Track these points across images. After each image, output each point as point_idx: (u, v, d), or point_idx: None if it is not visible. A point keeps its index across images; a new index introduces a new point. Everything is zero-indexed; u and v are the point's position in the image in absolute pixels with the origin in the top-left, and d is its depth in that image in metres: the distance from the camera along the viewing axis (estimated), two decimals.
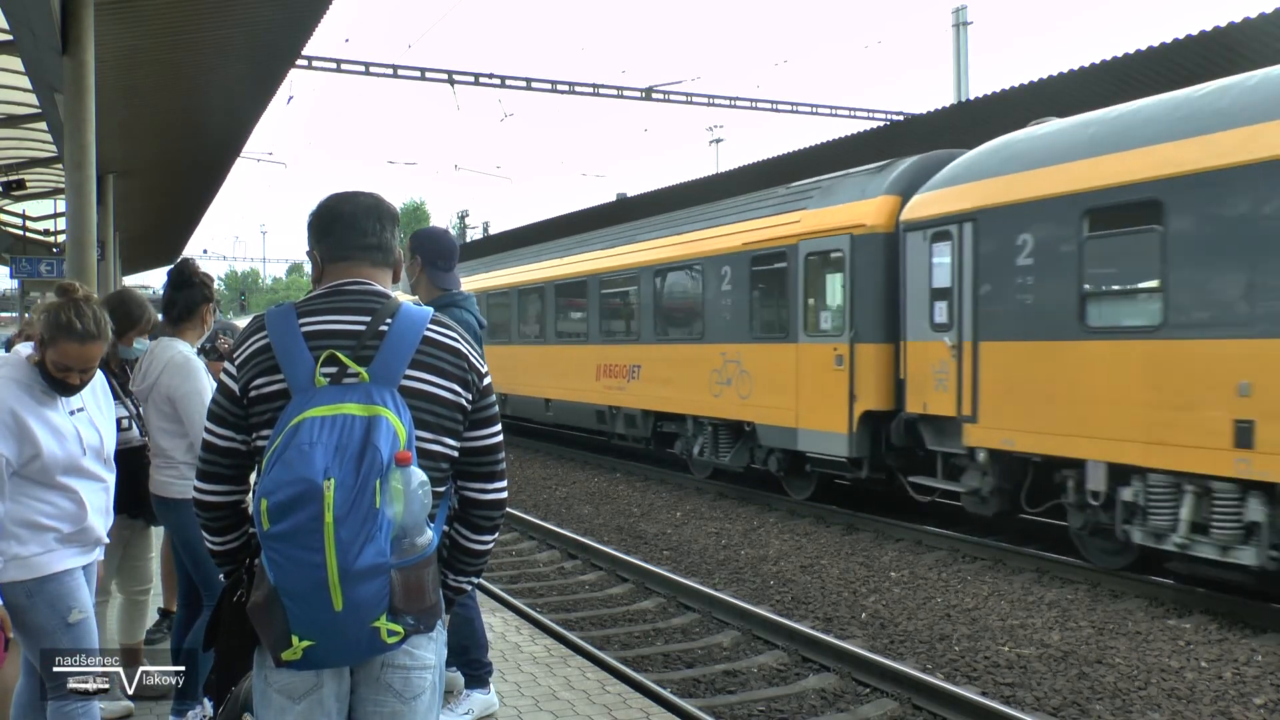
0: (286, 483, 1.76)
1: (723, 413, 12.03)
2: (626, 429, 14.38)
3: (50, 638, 2.88)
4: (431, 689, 2.04)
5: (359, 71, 20.04)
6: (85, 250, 7.86)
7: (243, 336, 2.04)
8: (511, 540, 10.49)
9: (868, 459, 10.02)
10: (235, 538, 2.08)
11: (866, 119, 24.80)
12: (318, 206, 2.16)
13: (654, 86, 22.92)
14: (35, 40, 8.02)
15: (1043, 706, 5.58)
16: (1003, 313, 8.44)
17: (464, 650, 4.23)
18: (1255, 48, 10.69)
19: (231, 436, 2.00)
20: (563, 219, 24.70)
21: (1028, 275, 8.19)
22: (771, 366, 11.18)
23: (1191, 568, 7.18)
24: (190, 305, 3.98)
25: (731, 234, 12.14)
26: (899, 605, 7.60)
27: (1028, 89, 12.89)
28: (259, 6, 9.01)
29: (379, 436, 1.81)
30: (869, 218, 10.05)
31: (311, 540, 1.75)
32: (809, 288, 10.77)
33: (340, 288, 2.06)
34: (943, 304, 9.04)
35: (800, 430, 10.70)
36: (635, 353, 14.12)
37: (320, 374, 1.90)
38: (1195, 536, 6.95)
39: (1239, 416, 6.58)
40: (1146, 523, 7.28)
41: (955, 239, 8.88)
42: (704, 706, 5.43)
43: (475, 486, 2.09)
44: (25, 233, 21.51)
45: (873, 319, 9.92)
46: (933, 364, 9.09)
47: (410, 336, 1.98)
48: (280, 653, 1.85)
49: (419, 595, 1.88)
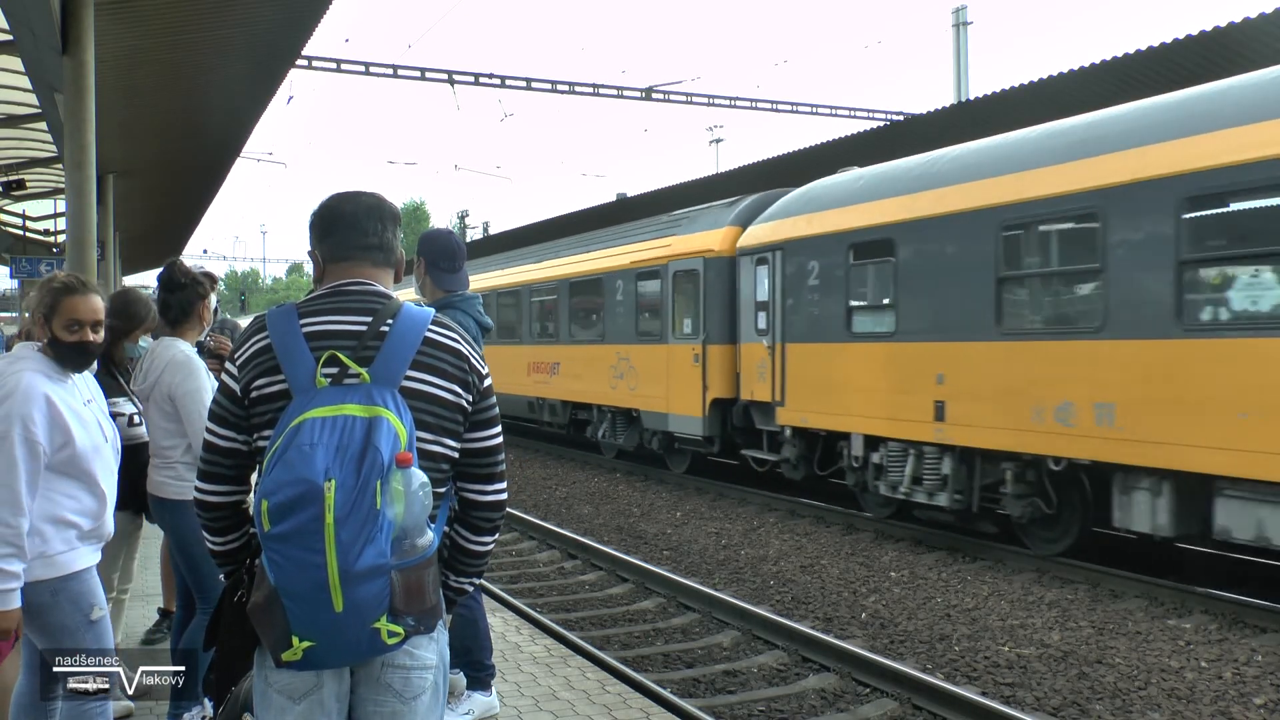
0: (287, 483, 1.76)
1: (618, 402, 14.59)
2: (550, 417, 17.06)
3: (73, 636, 2.88)
4: (433, 689, 2.03)
5: (359, 71, 20.06)
6: (85, 250, 7.85)
7: (244, 337, 2.04)
8: (511, 540, 10.50)
9: (718, 437, 12.52)
10: (236, 538, 2.08)
11: (866, 119, 24.81)
12: (319, 206, 2.15)
13: (654, 86, 22.94)
14: (35, 40, 8.02)
15: (1043, 706, 5.58)
16: (799, 321, 10.99)
17: (467, 651, 4.23)
18: (1255, 48, 10.69)
19: (233, 437, 2.00)
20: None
21: (815, 293, 10.75)
22: (650, 363, 13.69)
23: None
24: (185, 305, 3.98)
25: (623, 254, 14.76)
26: (899, 605, 7.60)
27: (1028, 89, 12.90)
28: (259, 6, 9.01)
29: (380, 437, 1.81)
30: (717, 244, 12.60)
31: (312, 541, 1.75)
32: (676, 300, 13.30)
33: (341, 288, 2.05)
34: (763, 314, 11.57)
35: (670, 415, 13.19)
36: (556, 352, 16.74)
37: (321, 374, 1.89)
38: (915, 487, 9.36)
39: (937, 398, 9.01)
40: (887, 478, 9.75)
41: (771, 264, 11.41)
42: (704, 706, 5.43)
43: (475, 488, 2.09)
44: (25, 233, 21.51)
45: (719, 325, 12.45)
46: (757, 361, 11.68)
47: (411, 337, 1.97)
48: (281, 653, 1.84)
49: (419, 596, 1.87)
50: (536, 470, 15.62)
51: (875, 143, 15.93)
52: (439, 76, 20.96)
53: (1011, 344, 8.34)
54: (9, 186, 15.31)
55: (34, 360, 2.96)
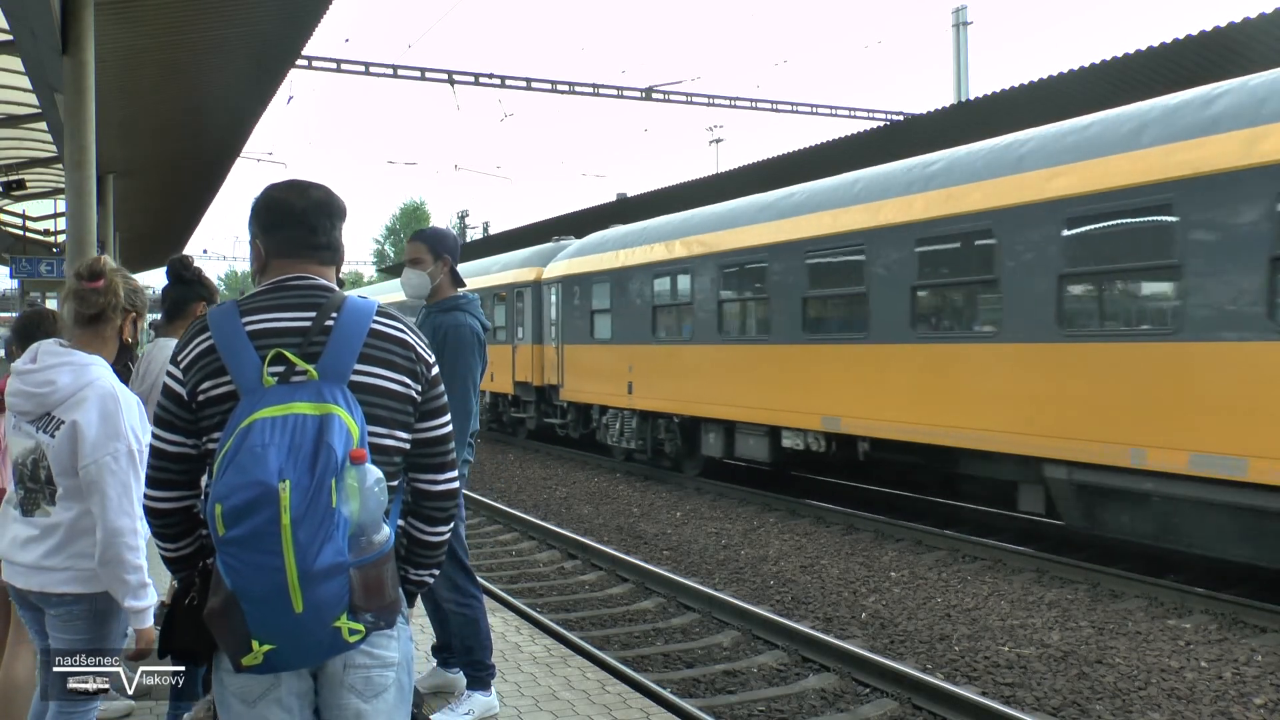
0: (241, 486, 1.72)
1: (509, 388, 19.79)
2: None
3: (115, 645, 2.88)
4: (397, 687, 2.00)
5: (359, 71, 20.07)
6: (85, 250, 7.84)
7: (186, 339, 1.98)
8: (511, 540, 10.50)
9: (534, 404, 18.34)
10: (189, 543, 2.03)
11: (866, 119, 24.81)
12: (265, 196, 2.09)
13: (654, 86, 22.94)
14: (35, 40, 8.01)
15: (1043, 706, 5.58)
16: (570, 330, 16.37)
17: (468, 651, 4.22)
18: (1255, 48, 10.69)
19: (181, 441, 1.95)
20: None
21: (577, 312, 16.11)
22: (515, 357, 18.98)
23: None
24: (180, 302, 3.92)
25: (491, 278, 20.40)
26: (899, 605, 7.60)
27: (1028, 89, 12.90)
28: (259, 6, 9.00)
29: (332, 435, 1.77)
30: (533, 276, 18.32)
31: (269, 544, 1.71)
32: (518, 311, 18.95)
33: (284, 283, 2.01)
34: (554, 325, 16.95)
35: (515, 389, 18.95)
36: None
37: (268, 373, 1.85)
38: (621, 437, 14.58)
39: (629, 380, 14.13)
40: (610, 431, 14.92)
41: (557, 291, 16.84)
42: (704, 706, 5.43)
43: (426, 478, 2.06)
44: (25, 233, 21.48)
45: (534, 331, 18.07)
46: (549, 357, 17.24)
47: (357, 331, 1.94)
48: (240, 658, 1.80)
49: (379, 592, 1.85)
50: (536, 470, 15.63)
51: (875, 143, 15.93)
52: (439, 76, 20.97)
53: (660, 347, 13.66)
54: (9, 186, 15.30)
55: (106, 365, 2.90)
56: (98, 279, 2.94)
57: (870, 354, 9.86)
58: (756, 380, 11.51)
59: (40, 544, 2.82)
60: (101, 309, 2.94)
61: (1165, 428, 7.11)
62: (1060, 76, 12.48)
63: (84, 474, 2.73)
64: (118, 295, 2.97)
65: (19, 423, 2.90)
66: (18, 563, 2.86)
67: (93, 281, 2.94)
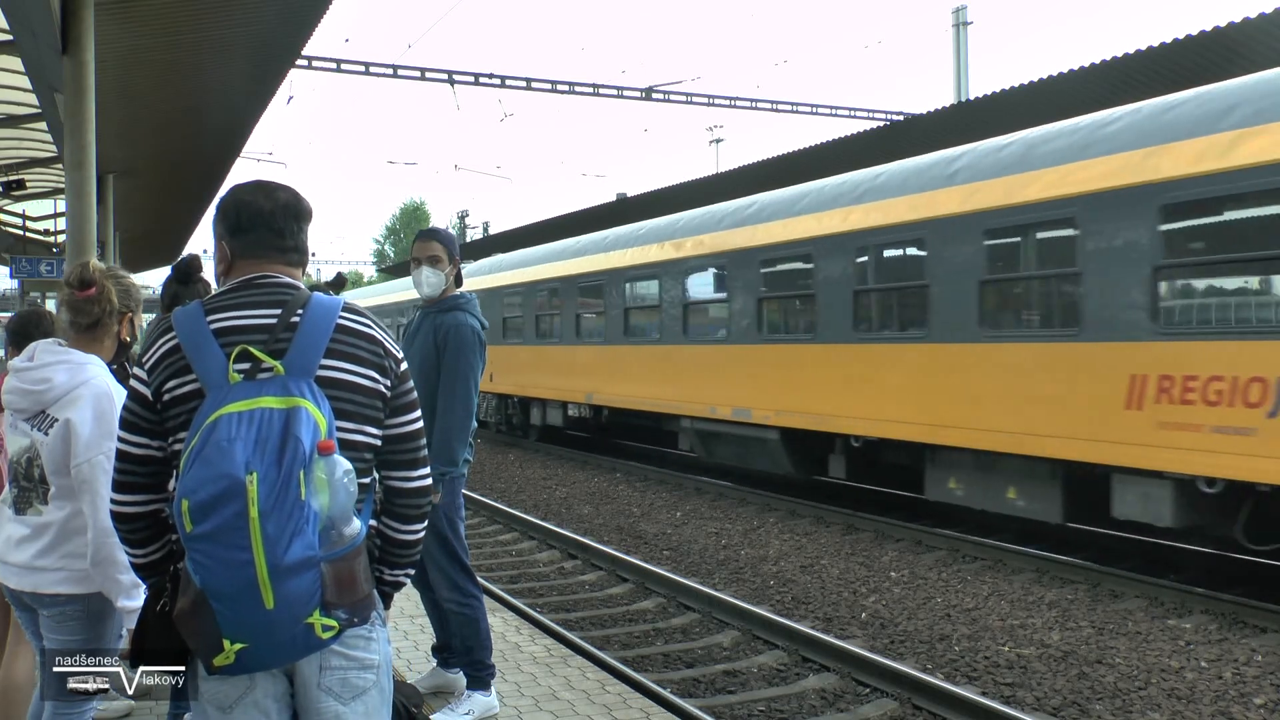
0: (208, 480, 1.70)
1: None
2: None
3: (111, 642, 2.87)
4: (377, 689, 1.97)
5: (359, 71, 20.07)
6: (85, 250, 7.84)
7: (151, 339, 1.97)
8: (511, 540, 10.50)
9: None
10: (158, 548, 2.01)
11: (866, 119, 24.81)
12: (231, 197, 2.08)
13: (654, 86, 22.95)
14: (35, 40, 8.01)
15: (1043, 706, 5.58)
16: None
17: (468, 651, 4.23)
18: (1254, 48, 10.69)
19: (147, 444, 1.94)
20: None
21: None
22: None
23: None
24: (180, 300, 3.92)
25: None
26: (899, 605, 7.60)
27: (1028, 89, 12.90)
28: (259, 6, 9.00)
29: (299, 427, 1.75)
30: None
31: (237, 538, 1.69)
32: None
33: (250, 281, 2.01)
34: None
35: None
36: None
37: (234, 370, 1.84)
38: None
39: (491, 373, 16.93)
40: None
41: None
42: (704, 706, 5.43)
43: (399, 475, 2.05)
44: (25, 233, 21.48)
45: None
46: None
47: (324, 325, 1.93)
48: (212, 659, 1.78)
49: (351, 587, 1.83)
50: (536, 470, 15.63)
51: (875, 143, 15.93)
52: (439, 76, 20.98)
53: (506, 347, 18.39)
54: (9, 186, 15.29)
55: (103, 365, 2.88)
56: (89, 288, 2.94)
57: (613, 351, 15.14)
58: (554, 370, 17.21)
59: (32, 543, 2.82)
60: (98, 318, 2.95)
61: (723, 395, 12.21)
62: (1060, 76, 12.48)
63: (76, 473, 2.74)
64: (111, 301, 2.96)
65: (15, 421, 2.90)
66: (11, 563, 2.86)
67: (84, 290, 2.93)
